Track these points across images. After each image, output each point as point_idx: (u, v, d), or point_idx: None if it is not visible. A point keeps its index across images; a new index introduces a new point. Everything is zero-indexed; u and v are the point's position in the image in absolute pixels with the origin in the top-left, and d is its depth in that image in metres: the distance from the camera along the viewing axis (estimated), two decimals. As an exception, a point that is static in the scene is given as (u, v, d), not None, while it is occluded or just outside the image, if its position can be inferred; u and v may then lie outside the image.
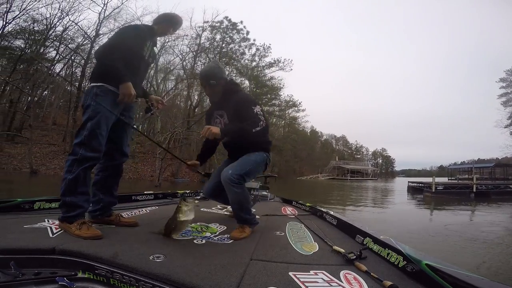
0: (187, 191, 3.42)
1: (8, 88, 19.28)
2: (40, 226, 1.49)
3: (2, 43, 17.64)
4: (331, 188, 21.34)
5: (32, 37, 18.46)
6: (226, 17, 22.90)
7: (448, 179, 27.85)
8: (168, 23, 1.87)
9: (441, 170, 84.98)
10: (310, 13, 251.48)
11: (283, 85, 29.15)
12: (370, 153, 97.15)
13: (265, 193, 3.48)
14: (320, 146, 63.12)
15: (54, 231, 1.42)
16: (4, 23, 16.41)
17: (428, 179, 21.92)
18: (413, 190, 19.30)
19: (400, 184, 32.62)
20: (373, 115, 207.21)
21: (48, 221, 1.59)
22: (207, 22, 21.79)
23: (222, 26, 22.79)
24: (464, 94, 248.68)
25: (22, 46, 18.71)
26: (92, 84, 1.58)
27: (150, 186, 12.57)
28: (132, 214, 2.07)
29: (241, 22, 23.49)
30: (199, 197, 3.07)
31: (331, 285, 0.99)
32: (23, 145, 17.61)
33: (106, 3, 18.13)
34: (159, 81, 19.43)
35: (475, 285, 0.84)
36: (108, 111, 1.56)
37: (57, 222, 1.52)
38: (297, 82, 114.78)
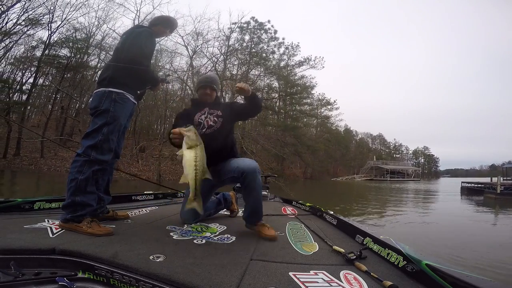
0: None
1: (58, 96, 20.98)
2: (40, 226, 1.47)
3: (50, 52, 18.84)
4: (369, 190, 19.04)
5: (75, 45, 19.45)
6: (252, 17, 22.70)
7: (503, 179, 24.69)
8: (164, 25, 1.91)
9: (493, 169, 75.57)
10: (347, 6, 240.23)
11: (316, 83, 28.23)
12: (410, 152, 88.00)
13: (265, 193, 3.44)
14: (355, 145, 59.48)
15: (54, 231, 1.41)
16: (50, 32, 17.80)
17: (484, 179, 19.54)
18: (468, 192, 17.36)
19: (447, 185, 29.65)
20: (413, 112, 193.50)
21: (48, 221, 1.57)
22: (235, 23, 21.79)
23: (249, 27, 22.67)
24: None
25: (68, 54, 19.74)
26: (110, 89, 1.59)
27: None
28: (132, 214, 2.05)
29: (268, 21, 23.23)
30: None
31: (331, 285, 0.98)
32: (74, 149, 19.20)
33: (138, 9, 18.62)
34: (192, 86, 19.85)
35: (475, 285, 0.82)
36: (124, 120, 1.65)
37: (57, 222, 1.50)
38: (331, 78, 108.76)
